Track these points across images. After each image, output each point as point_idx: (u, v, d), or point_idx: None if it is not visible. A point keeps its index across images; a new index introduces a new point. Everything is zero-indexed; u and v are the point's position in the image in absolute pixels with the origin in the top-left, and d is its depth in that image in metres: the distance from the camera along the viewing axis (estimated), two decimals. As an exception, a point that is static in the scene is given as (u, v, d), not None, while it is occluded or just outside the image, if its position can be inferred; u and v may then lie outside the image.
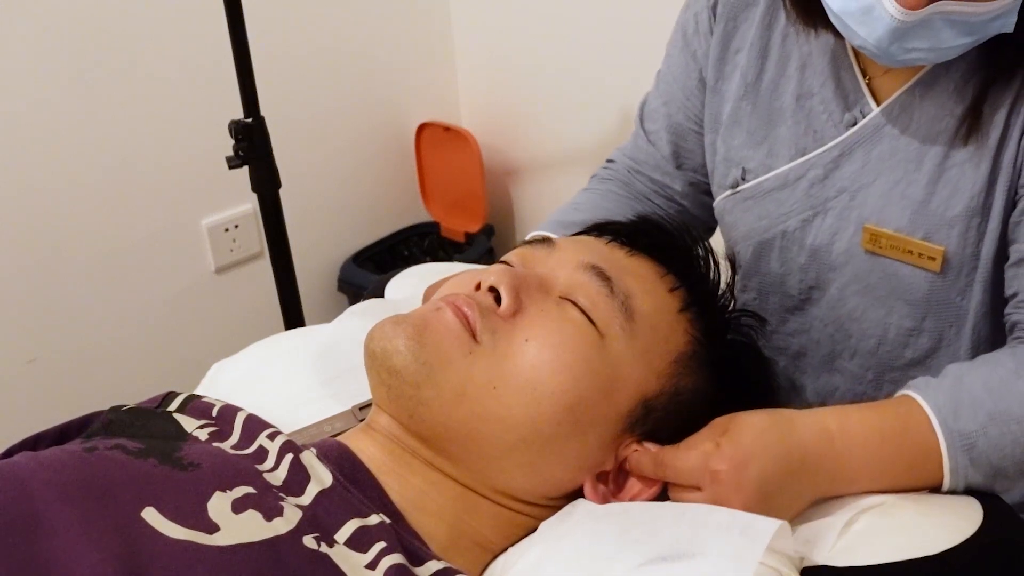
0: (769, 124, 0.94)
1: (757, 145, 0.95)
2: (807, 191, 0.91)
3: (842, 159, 0.89)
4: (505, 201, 2.35)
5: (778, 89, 0.94)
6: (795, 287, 0.95)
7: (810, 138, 0.91)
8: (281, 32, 1.96)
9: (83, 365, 1.87)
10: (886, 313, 0.90)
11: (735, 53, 0.96)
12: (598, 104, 2.01)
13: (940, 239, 0.84)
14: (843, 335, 0.94)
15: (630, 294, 0.76)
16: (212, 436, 0.74)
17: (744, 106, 0.96)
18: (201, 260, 2.00)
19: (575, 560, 0.67)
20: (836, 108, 0.90)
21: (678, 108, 1.03)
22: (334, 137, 2.16)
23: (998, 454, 0.73)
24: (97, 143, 1.79)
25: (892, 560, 0.67)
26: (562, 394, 0.70)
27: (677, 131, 1.04)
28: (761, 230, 0.95)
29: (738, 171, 0.96)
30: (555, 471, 0.73)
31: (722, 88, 0.98)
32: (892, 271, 0.87)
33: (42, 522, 0.59)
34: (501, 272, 0.75)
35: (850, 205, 0.89)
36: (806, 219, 0.92)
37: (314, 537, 0.63)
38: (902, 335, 0.90)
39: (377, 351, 0.72)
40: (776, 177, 0.93)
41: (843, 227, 0.90)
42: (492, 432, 0.70)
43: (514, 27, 2.15)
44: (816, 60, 0.91)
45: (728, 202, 0.98)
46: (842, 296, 0.92)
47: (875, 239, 0.87)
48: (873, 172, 0.87)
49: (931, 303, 0.87)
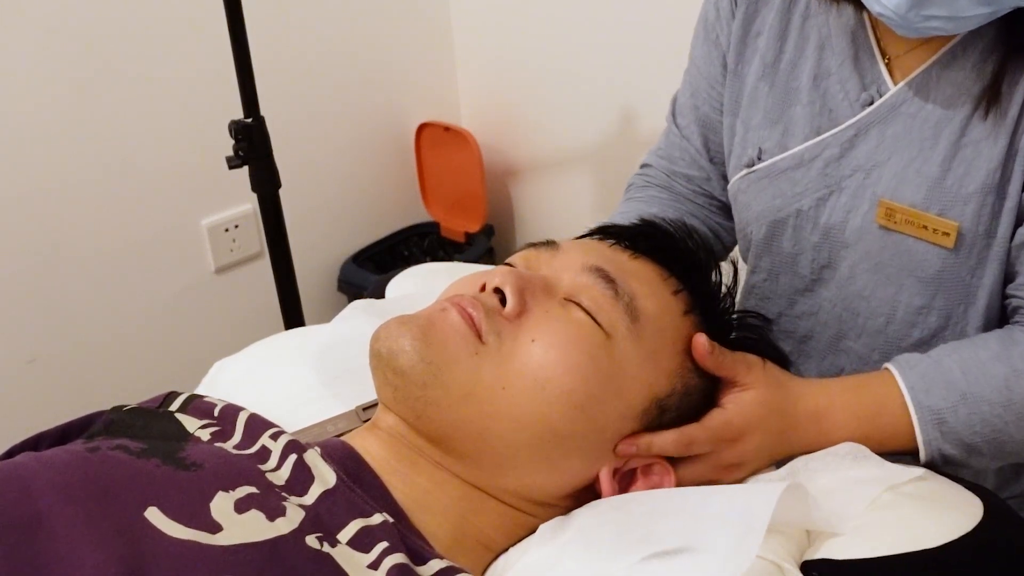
0: (785, 104, 0.95)
1: (773, 125, 0.96)
2: (822, 170, 0.92)
3: (857, 138, 0.90)
4: (505, 201, 2.35)
5: (796, 69, 0.94)
6: (807, 267, 0.96)
7: (825, 117, 0.92)
8: (281, 32, 1.96)
9: (83, 365, 1.87)
10: (896, 291, 0.90)
11: (755, 36, 0.97)
12: (598, 104, 2.01)
13: (955, 215, 0.85)
14: (851, 314, 0.95)
15: (634, 296, 0.76)
16: (214, 436, 0.74)
17: (762, 86, 0.97)
18: (201, 260, 2.00)
19: (576, 558, 0.67)
20: (853, 87, 0.90)
21: (704, 99, 1.04)
22: (334, 137, 2.16)
23: (968, 431, 0.79)
24: (97, 143, 1.79)
25: (891, 553, 0.68)
26: (572, 393, 0.70)
27: (706, 123, 1.05)
28: (775, 209, 0.96)
29: (754, 151, 0.97)
30: (575, 464, 0.73)
31: (742, 71, 0.99)
32: (905, 248, 0.88)
33: (44, 522, 0.59)
34: (506, 274, 0.75)
35: (864, 183, 0.89)
36: (821, 198, 0.92)
37: (317, 537, 0.63)
38: (911, 313, 0.90)
39: (383, 351, 0.72)
40: (791, 156, 0.93)
41: (857, 204, 0.90)
42: (504, 430, 0.70)
43: (514, 27, 2.15)
44: (835, 40, 0.91)
45: (743, 182, 0.98)
46: (852, 274, 0.93)
47: (890, 214, 0.87)
48: (888, 150, 0.88)
49: (942, 280, 0.88)
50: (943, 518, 0.71)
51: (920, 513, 0.71)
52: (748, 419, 0.78)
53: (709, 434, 0.77)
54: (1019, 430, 0.79)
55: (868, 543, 0.69)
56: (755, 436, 0.78)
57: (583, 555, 0.67)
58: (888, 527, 0.70)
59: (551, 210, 2.27)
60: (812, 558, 0.69)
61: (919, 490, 0.75)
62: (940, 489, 0.76)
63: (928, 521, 0.70)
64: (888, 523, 0.71)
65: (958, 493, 0.75)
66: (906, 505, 0.72)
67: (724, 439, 0.77)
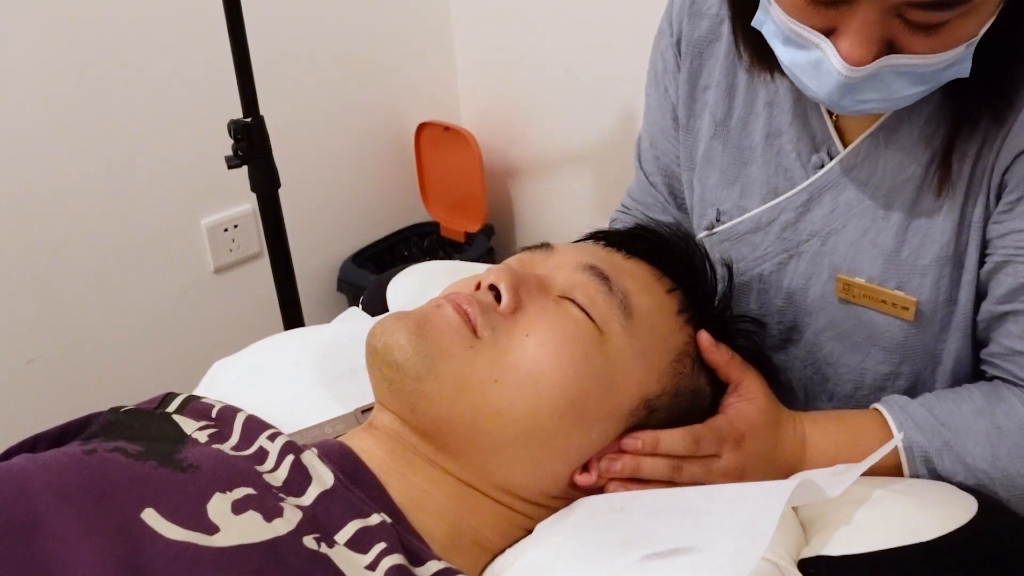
0: (740, 163, 0.93)
1: (730, 185, 0.94)
2: (780, 234, 0.90)
3: (812, 203, 0.87)
4: (505, 201, 2.35)
5: (747, 127, 0.92)
6: (774, 327, 0.93)
7: (781, 177, 0.90)
8: (281, 32, 1.96)
9: (82, 365, 1.87)
10: (862, 359, 0.88)
11: (704, 90, 0.95)
12: (598, 104, 2.00)
13: (913, 289, 0.83)
14: (820, 378, 0.93)
15: (628, 293, 0.77)
16: (212, 437, 0.74)
17: (715, 145, 0.94)
18: (200, 260, 2.00)
19: (573, 559, 0.67)
20: (804, 148, 0.88)
21: (664, 150, 1.02)
22: (334, 137, 2.16)
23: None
24: (96, 143, 1.78)
25: (885, 547, 0.68)
26: (564, 388, 0.71)
27: (667, 173, 1.04)
28: (738, 273, 0.93)
29: (713, 212, 0.95)
30: (556, 467, 0.73)
31: (694, 126, 0.97)
32: (867, 319, 0.86)
33: (41, 524, 0.59)
34: (501, 271, 0.76)
35: (822, 251, 0.87)
36: (781, 262, 0.90)
37: (314, 538, 0.63)
38: (879, 380, 0.88)
39: (379, 346, 0.73)
40: (750, 220, 0.91)
41: (816, 272, 0.88)
42: (493, 425, 0.71)
43: (514, 27, 2.15)
44: (783, 98, 0.89)
45: (705, 243, 0.96)
46: (818, 341, 0.91)
47: (848, 288, 0.86)
48: (842, 218, 0.86)
49: (907, 349, 0.86)
50: (938, 512, 0.71)
51: (915, 508, 0.72)
52: (751, 424, 0.78)
53: (715, 434, 0.76)
54: (1002, 490, 0.76)
55: (864, 538, 0.69)
56: (755, 443, 0.78)
57: (583, 554, 0.67)
58: (883, 522, 0.71)
59: (551, 210, 2.27)
60: (808, 556, 0.69)
61: (911, 488, 0.75)
62: (933, 487, 0.76)
63: (923, 515, 0.71)
64: (883, 518, 0.71)
65: (951, 491, 0.75)
66: (900, 501, 0.73)
67: (728, 440, 0.77)
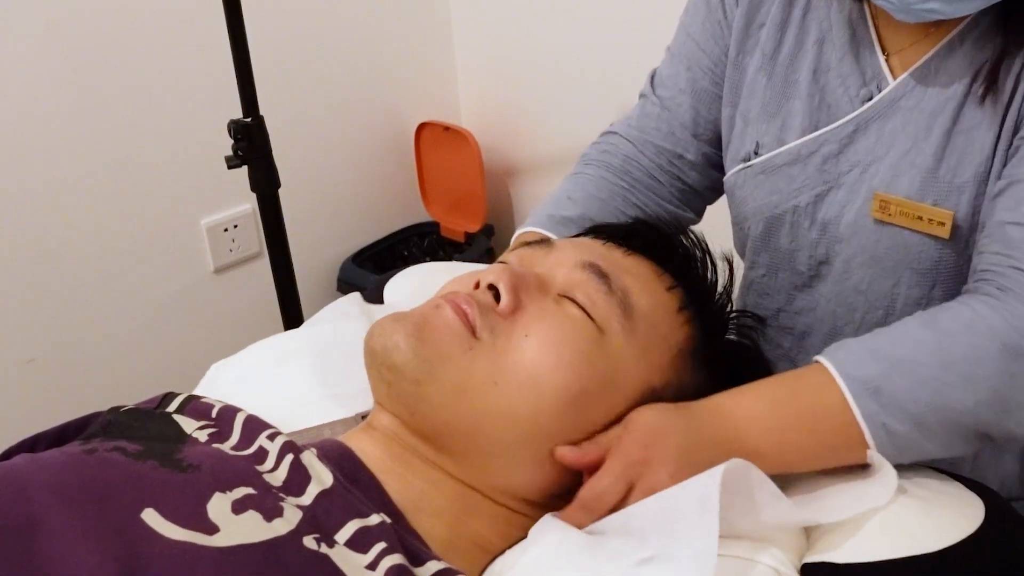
0: (783, 97, 0.95)
1: (771, 118, 0.95)
2: (820, 167, 0.92)
3: (857, 134, 0.90)
4: (505, 201, 2.35)
5: (795, 63, 0.94)
6: (804, 263, 0.95)
7: (824, 112, 0.92)
8: (281, 32, 1.96)
9: (82, 365, 1.87)
10: (894, 284, 0.90)
11: (758, 28, 0.97)
12: (598, 104, 2.00)
13: (950, 205, 0.85)
14: (847, 310, 0.94)
15: (628, 291, 0.76)
16: (212, 437, 0.73)
17: (760, 78, 0.96)
18: (200, 260, 2.00)
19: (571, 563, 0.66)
20: (853, 83, 0.90)
21: (704, 74, 1.02)
22: (334, 137, 2.16)
23: (909, 397, 0.71)
24: (96, 143, 1.79)
25: (891, 557, 0.67)
26: (564, 389, 0.71)
27: (701, 97, 1.03)
28: (772, 205, 0.95)
29: (751, 144, 0.97)
30: (556, 468, 0.73)
31: (743, 62, 0.98)
32: (900, 241, 0.88)
33: (41, 524, 0.59)
34: (500, 271, 0.75)
35: (861, 178, 0.89)
36: (818, 194, 0.92)
37: (314, 538, 0.63)
38: (910, 305, 0.90)
39: (377, 348, 0.73)
40: (788, 152, 0.93)
41: (852, 199, 0.90)
42: (494, 428, 0.71)
43: (514, 27, 2.15)
44: (836, 35, 0.92)
45: (739, 176, 0.98)
46: (848, 269, 0.92)
47: (884, 206, 0.87)
48: (886, 145, 0.88)
49: (940, 271, 0.87)
50: (943, 521, 0.70)
51: (920, 515, 0.71)
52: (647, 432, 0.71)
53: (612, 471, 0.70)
54: (965, 393, 0.71)
55: (868, 546, 0.68)
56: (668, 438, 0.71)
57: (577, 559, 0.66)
58: (888, 530, 0.70)
59: (551, 210, 2.26)
60: (813, 560, 0.69)
61: (918, 489, 0.74)
62: (940, 488, 0.75)
63: (928, 524, 0.70)
64: (888, 525, 0.70)
65: (958, 492, 0.75)
66: (905, 506, 0.72)
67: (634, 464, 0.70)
